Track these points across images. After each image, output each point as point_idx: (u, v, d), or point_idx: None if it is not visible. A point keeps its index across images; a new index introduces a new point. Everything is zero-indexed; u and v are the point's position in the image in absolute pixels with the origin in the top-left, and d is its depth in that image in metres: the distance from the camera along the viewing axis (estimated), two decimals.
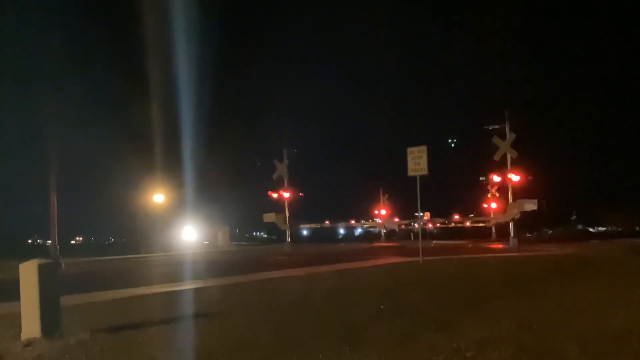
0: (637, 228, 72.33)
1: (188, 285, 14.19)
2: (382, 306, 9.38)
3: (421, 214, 30.15)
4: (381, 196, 62.25)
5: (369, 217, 70.49)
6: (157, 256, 35.51)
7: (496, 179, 34.59)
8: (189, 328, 8.17)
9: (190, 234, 55.66)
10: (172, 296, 12.20)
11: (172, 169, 43.60)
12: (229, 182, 63.01)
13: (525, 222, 40.73)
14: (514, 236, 29.46)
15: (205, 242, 53.81)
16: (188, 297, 11.95)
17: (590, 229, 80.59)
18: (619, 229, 72.41)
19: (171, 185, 44.31)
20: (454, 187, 67.07)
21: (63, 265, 25.47)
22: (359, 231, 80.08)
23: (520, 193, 30.84)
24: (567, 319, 7.76)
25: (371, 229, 73.66)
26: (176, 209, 46.00)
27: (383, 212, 62.08)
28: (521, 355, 5.75)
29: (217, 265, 24.76)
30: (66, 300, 8.93)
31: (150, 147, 40.11)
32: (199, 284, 14.47)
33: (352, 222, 73.72)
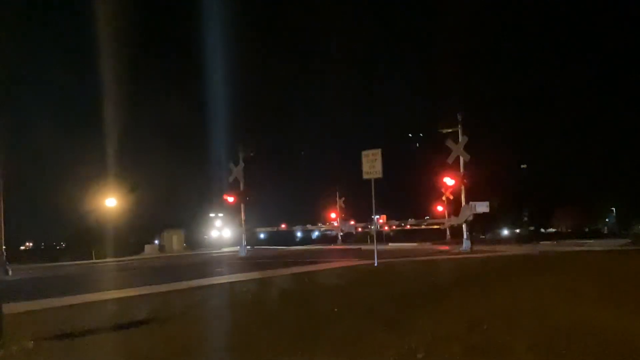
0: (586, 229, 74.45)
1: (139, 291, 13.89)
2: (336, 308, 9.38)
3: (377, 216, 30.34)
4: (337, 199, 62.38)
5: (326, 220, 70.59)
6: (109, 262, 34.81)
7: (449, 181, 34.93)
8: (138, 334, 7.98)
9: (224, 233, 54.81)
10: (121, 302, 11.91)
11: (125, 172, 42.94)
12: (184, 186, 62.43)
13: (478, 223, 41.37)
14: (467, 238, 29.87)
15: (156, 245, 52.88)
16: (138, 303, 11.67)
17: (542, 230, 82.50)
18: (569, 230, 74.33)
19: (124, 189, 43.59)
20: (410, 189, 67.79)
21: (10, 272, 24.76)
22: (316, 234, 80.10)
23: (474, 195, 31.31)
24: (516, 317, 7.89)
25: (328, 232, 73.75)
26: (129, 213, 45.20)
27: (339, 215, 62.24)
28: (470, 354, 5.82)
29: (172, 269, 24.39)
30: (11, 308, 8.68)
31: (103, 150, 39.41)
32: (151, 290, 14.19)
33: (309, 225, 73.78)
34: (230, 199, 37.36)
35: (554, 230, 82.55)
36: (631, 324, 7.07)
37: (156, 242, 52.83)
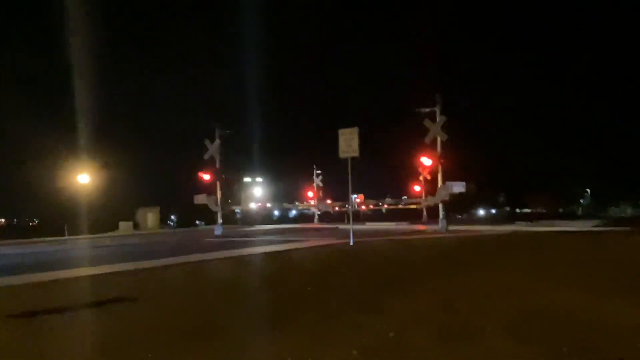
0: (561, 210, 75.55)
1: (113, 269, 13.69)
2: (309, 288, 9.32)
3: (355, 196, 30.24)
4: (315, 178, 62.33)
5: (304, 199, 70.45)
6: (81, 239, 34.41)
7: (427, 161, 34.94)
8: (111, 312, 7.84)
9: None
10: (95, 280, 11.73)
11: (99, 148, 42.33)
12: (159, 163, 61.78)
13: (455, 204, 41.56)
14: (443, 218, 30.02)
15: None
16: (112, 281, 11.49)
17: (517, 211, 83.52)
18: (544, 211, 75.34)
19: (97, 165, 42.99)
20: (387, 169, 68.03)
21: None
22: (293, 213, 79.98)
23: (451, 175, 31.40)
24: (488, 297, 7.90)
25: (305, 211, 73.69)
26: (104, 190, 44.65)
27: (317, 194, 62.19)
28: (442, 334, 5.78)
29: (146, 247, 24.17)
30: None
31: (75, 126, 38.72)
32: (125, 267, 14.01)
33: (286, 204, 73.58)
34: (206, 177, 36.79)
35: (529, 210, 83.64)
36: (602, 306, 7.11)
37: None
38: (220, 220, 36.71)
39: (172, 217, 69.32)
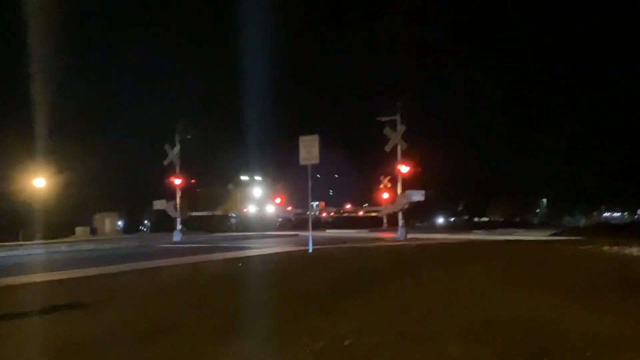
0: (517, 219, 77.07)
1: (67, 274, 13.36)
2: (267, 296, 9.26)
3: (315, 203, 30.26)
4: (276, 185, 62.20)
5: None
6: (36, 244, 33.56)
7: (388, 169, 35.21)
8: (60, 318, 7.65)
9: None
10: (47, 286, 11.43)
11: (56, 151, 41.33)
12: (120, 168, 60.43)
13: (415, 211, 41.97)
14: (402, 226, 30.23)
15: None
16: (64, 287, 11.22)
17: (475, 219, 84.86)
18: (501, 220, 76.76)
19: (54, 168, 41.96)
20: (348, 177, 68.30)
21: None
22: None
23: (411, 184, 31.67)
24: (447, 304, 7.95)
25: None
26: (60, 193, 43.59)
27: (277, 200, 62.02)
28: (399, 340, 5.79)
29: (102, 253, 23.72)
30: None
31: (31, 127, 37.69)
32: (79, 273, 13.68)
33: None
34: (177, 181, 36.28)
35: (487, 219, 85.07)
36: (557, 313, 7.23)
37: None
38: (179, 226, 36.32)
39: (146, 222, 68.21)
